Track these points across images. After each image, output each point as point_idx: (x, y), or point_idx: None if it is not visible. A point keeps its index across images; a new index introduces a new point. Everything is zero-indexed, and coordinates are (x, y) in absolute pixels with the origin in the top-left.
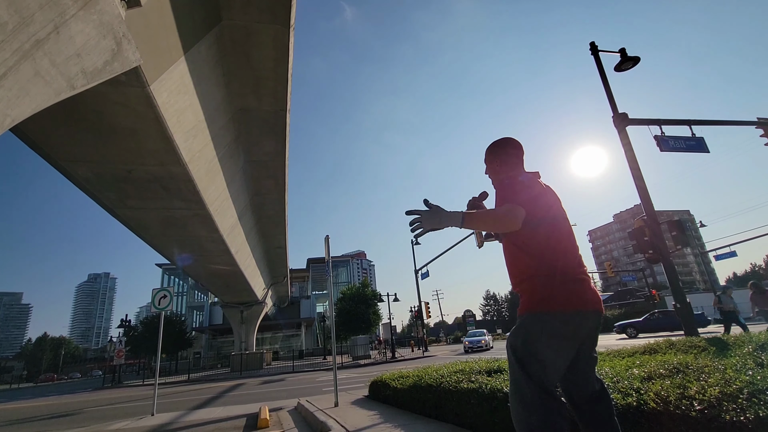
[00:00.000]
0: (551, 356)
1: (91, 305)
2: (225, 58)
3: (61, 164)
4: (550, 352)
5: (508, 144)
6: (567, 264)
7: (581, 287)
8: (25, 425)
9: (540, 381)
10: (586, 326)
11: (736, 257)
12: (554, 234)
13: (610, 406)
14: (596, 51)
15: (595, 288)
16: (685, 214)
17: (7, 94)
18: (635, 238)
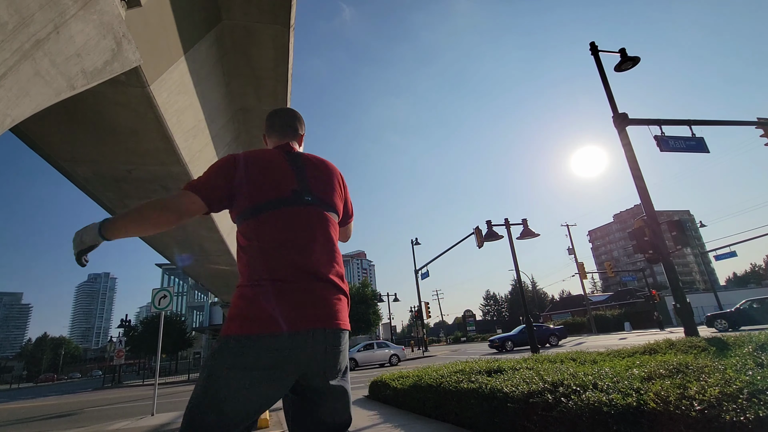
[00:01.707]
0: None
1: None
2: (225, 57)
3: (61, 164)
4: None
5: (276, 116)
6: (273, 267)
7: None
8: (25, 425)
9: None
10: (294, 350)
11: (736, 257)
12: (253, 228)
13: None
14: (596, 51)
15: (341, 302)
16: (685, 214)
17: (7, 94)
18: (635, 238)
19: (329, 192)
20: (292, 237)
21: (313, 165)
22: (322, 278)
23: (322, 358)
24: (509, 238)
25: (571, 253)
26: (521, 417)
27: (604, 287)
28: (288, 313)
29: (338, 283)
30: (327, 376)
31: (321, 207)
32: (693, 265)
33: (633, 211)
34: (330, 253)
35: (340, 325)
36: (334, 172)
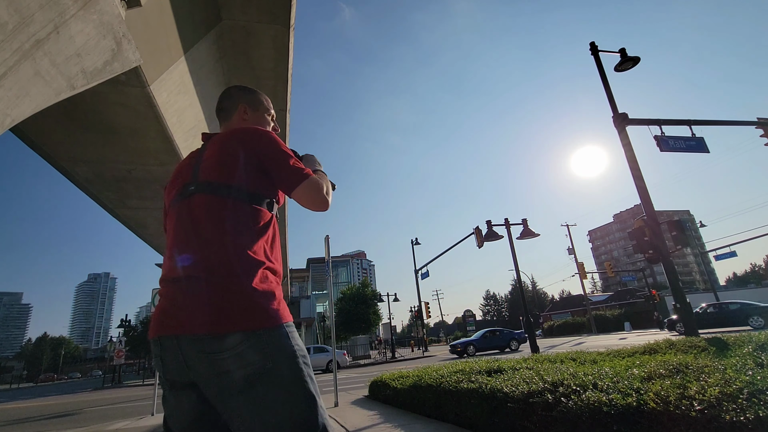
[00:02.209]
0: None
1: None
2: (225, 57)
3: (61, 164)
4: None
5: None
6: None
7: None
8: (25, 425)
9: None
10: (165, 360)
11: (736, 257)
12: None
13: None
14: (596, 51)
15: (202, 300)
16: (685, 214)
17: (7, 94)
18: (635, 238)
19: (212, 168)
20: (169, 237)
21: (214, 144)
22: (180, 278)
23: (182, 368)
24: (509, 238)
25: (571, 253)
26: (521, 417)
27: (604, 287)
28: (154, 318)
29: (210, 278)
30: (204, 391)
31: (203, 191)
32: (693, 265)
33: (633, 211)
34: (199, 240)
35: (207, 330)
36: (226, 141)
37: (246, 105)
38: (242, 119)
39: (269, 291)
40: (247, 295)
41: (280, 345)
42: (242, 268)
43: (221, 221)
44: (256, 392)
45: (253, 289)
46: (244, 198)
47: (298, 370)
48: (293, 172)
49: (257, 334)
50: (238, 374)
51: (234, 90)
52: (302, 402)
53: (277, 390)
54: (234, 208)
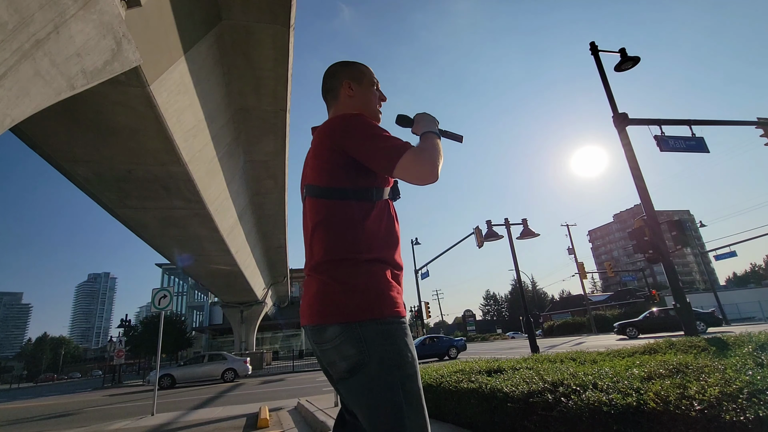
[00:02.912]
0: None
1: (91, 305)
2: (225, 57)
3: (61, 164)
4: None
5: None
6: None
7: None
8: (25, 425)
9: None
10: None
11: (736, 257)
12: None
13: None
14: (596, 51)
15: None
16: (685, 214)
17: (7, 94)
18: (635, 238)
19: (309, 169)
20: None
21: (312, 143)
22: (306, 274)
23: (319, 355)
24: (509, 238)
25: (571, 253)
26: (521, 417)
27: (604, 287)
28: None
29: (315, 275)
30: (331, 374)
31: (310, 194)
32: (693, 265)
33: (633, 211)
34: (311, 241)
35: (310, 321)
36: (317, 136)
37: (350, 80)
38: (348, 96)
39: (368, 285)
40: (343, 288)
41: (374, 341)
42: (337, 262)
43: (321, 222)
44: (351, 385)
45: (347, 282)
46: (337, 196)
47: (387, 373)
48: (384, 155)
49: (352, 327)
50: (341, 365)
51: (335, 67)
52: (383, 409)
53: (364, 390)
54: (331, 208)
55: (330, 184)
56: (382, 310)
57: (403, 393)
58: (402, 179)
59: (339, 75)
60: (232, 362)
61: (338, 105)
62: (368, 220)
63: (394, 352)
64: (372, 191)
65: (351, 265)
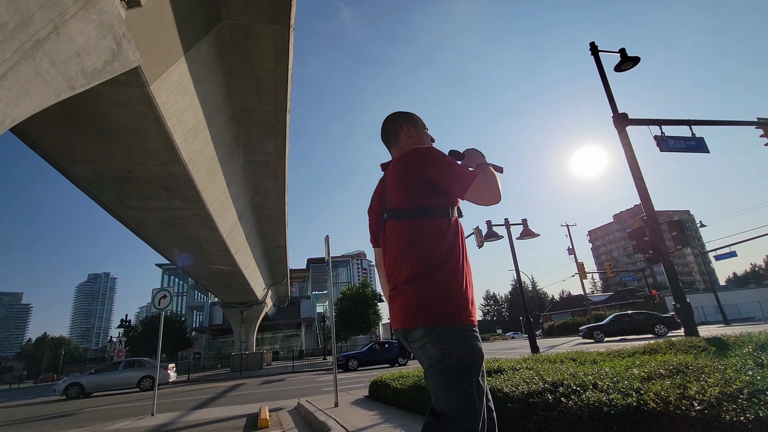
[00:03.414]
0: None
1: (91, 305)
2: (225, 58)
3: (61, 164)
4: None
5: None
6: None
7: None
8: (25, 425)
9: None
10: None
11: (736, 257)
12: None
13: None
14: (596, 51)
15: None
16: (685, 214)
17: (7, 94)
18: (635, 238)
19: (393, 195)
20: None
21: (390, 172)
22: (392, 289)
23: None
24: (509, 238)
25: (571, 253)
26: (521, 417)
27: (604, 287)
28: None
29: (403, 287)
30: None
31: (393, 218)
32: (693, 265)
33: (633, 211)
34: (396, 261)
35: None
36: (397, 167)
37: (407, 124)
38: (407, 136)
39: (448, 291)
40: (428, 296)
41: (453, 344)
42: (423, 270)
43: (408, 240)
44: (435, 379)
45: (432, 291)
46: (420, 215)
47: (464, 372)
48: (460, 179)
49: (435, 330)
50: (426, 363)
51: (395, 114)
52: (458, 402)
53: (444, 384)
54: (415, 227)
55: (417, 205)
56: (461, 318)
57: (478, 389)
58: (471, 200)
59: (399, 120)
60: (151, 369)
61: (400, 145)
62: (449, 234)
63: (470, 353)
64: (449, 209)
65: (435, 274)
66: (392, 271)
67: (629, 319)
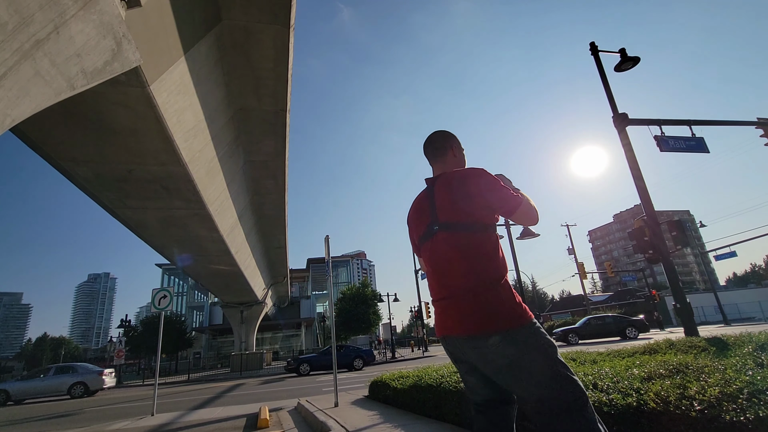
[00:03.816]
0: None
1: (91, 305)
2: (225, 58)
3: (61, 164)
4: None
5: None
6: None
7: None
8: (25, 425)
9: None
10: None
11: (736, 257)
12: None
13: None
14: (596, 51)
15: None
16: (685, 214)
17: (7, 94)
18: (635, 238)
19: (450, 209)
20: (429, 268)
21: (442, 188)
22: (446, 297)
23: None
24: (509, 238)
25: (571, 253)
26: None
27: (604, 287)
28: (436, 324)
29: (468, 296)
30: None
31: (446, 230)
32: (693, 265)
33: (633, 211)
34: (453, 271)
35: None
36: (455, 184)
37: (453, 147)
38: (453, 156)
39: (511, 298)
40: (497, 304)
41: (528, 340)
42: (487, 283)
43: (465, 252)
44: (518, 372)
45: (500, 299)
46: (476, 229)
47: (547, 356)
48: (510, 201)
49: (512, 333)
50: (502, 362)
51: (444, 134)
52: (549, 379)
53: (531, 371)
54: (471, 240)
55: (475, 220)
56: (526, 318)
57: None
58: (516, 220)
59: (448, 140)
60: (83, 375)
61: (446, 162)
62: (499, 248)
63: (543, 343)
64: (495, 226)
65: (498, 284)
66: (447, 279)
67: (601, 321)
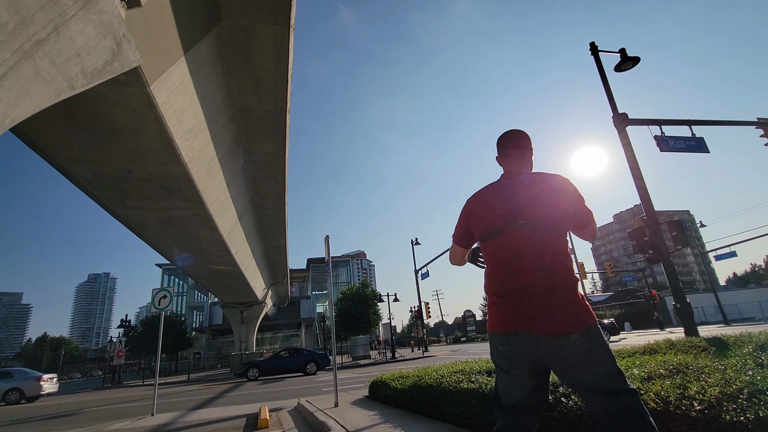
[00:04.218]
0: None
1: (91, 305)
2: (225, 58)
3: (61, 164)
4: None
5: (498, 140)
6: (492, 284)
7: (493, 309)
8: (25, 425)
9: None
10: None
11: (736, 257)
12: (485, 253)
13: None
14: (596, 51)
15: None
16: (685, 214)
17: (7, 94)
18: (635, 238)
19: (543, 210)
20: (501, 259)
21: (533, 187)
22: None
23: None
24: None
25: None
26: None
27: (604, 287)
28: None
29: (559, 298)
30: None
31: (534, 228)
32: (693, 265)
33: (633, 211)
34: (551, 265)
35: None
36: (550, 188)
37: (532, 149)
38: (531, 158)
39: (584, 298)
40: (578, 305)
41: (597, 337)
42: (570, 284)
43: (553, 252)
44: (590, 365)
45: (580, 300)
46: (561, 233)
47: (609, 352)
48: (587, 216)
49: (587, 331)
50: (577, 357)
51: (525, 135)
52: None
53: (599, 365)
54: (558, 241)
55: (560, 225)
56: (595, 318)
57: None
58: (582, 234)
59: (529, 142)
60: (19, 381)
61: (525, 161)
62: (568, 250)
63: (604, 340)
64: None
65: (577, 286)
66: (529, 276)
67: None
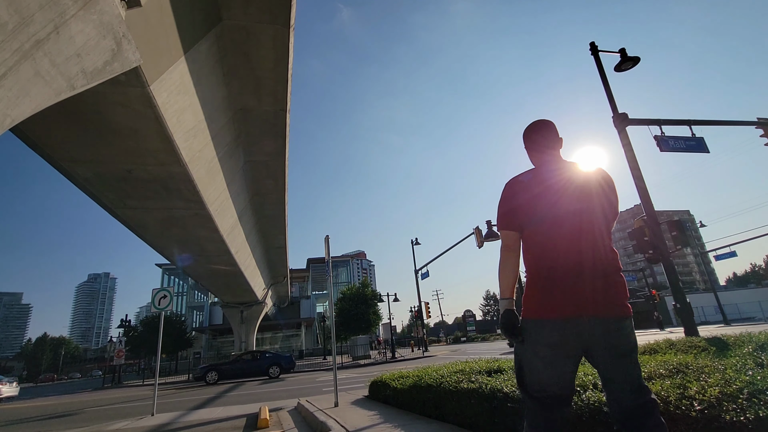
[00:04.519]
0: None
1: (91, 305)
2: (225, 58)
3: (61, 164)
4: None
5: (527, 130)
6: (545, 268)
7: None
8: (25, 425)
9: (523, 386)
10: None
11: (736, 257)
12: (535, 236)
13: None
14: (596, 51)
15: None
16: (685, 214)
17: (7, 94)
18: (635, 238)
19: (604, 199)
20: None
21: (595, 177)
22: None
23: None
24: None
25: None
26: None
27: None
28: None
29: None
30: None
31: (596, 215)
32: (693, 265)
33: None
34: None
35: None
36: (606, 181)
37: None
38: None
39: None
40: (626, 291)
41: (632, 329)
42: (620, 270)
43: (604, 236)
44: (632, 357)
45: (627, 286)
46: (610, 220)
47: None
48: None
49: (631, 319)
50: (629, 346)
51: (555, 127)
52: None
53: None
54: (607, 227)
55: (611, 216)
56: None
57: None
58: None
59: (558, 134)
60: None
61: (555, 151)
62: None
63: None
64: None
65: (621, 272)
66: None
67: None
